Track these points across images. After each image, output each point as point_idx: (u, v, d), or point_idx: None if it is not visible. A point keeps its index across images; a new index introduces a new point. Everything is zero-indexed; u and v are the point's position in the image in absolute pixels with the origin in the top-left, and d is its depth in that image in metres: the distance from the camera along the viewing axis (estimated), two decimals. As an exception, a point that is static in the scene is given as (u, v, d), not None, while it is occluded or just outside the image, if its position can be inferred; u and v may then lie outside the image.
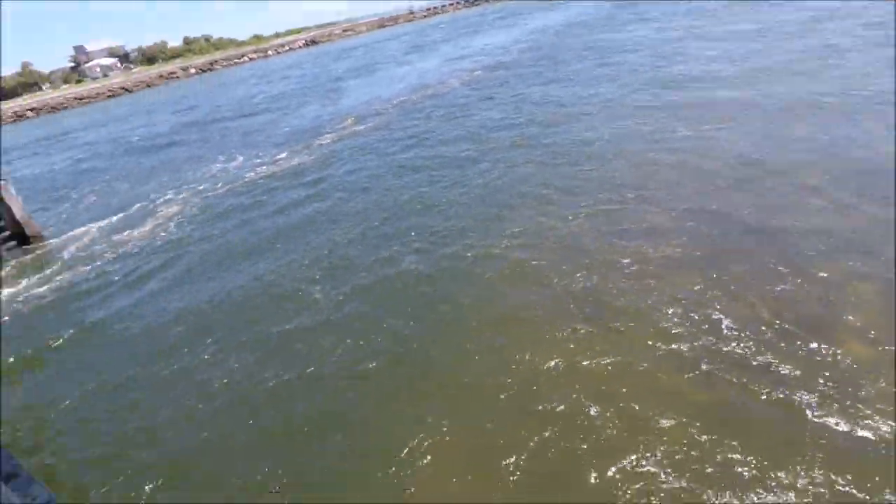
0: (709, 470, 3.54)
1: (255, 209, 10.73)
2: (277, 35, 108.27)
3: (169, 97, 46.10)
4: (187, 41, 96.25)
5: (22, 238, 11.71)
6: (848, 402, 3.85)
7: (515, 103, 14.71)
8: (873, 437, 3.57)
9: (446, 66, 25.61)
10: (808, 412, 3.83)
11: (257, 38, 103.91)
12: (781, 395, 4.00)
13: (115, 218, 12.46)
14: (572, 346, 4.93)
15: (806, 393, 3.99)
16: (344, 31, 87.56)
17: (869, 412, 3.74)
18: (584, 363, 4.71)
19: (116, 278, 8.84)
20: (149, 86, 63.75)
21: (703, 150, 8.77)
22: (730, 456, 3.63)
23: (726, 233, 6.34)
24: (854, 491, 3.26)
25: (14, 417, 5.73)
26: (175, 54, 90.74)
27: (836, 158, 7.59)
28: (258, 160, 15.03)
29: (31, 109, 54.68)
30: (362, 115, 18.02)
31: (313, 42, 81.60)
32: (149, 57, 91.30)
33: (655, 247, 6.32)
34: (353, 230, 8.49)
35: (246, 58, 75.28)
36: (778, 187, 7.14)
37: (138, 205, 13.08)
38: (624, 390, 4.35)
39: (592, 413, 4.15)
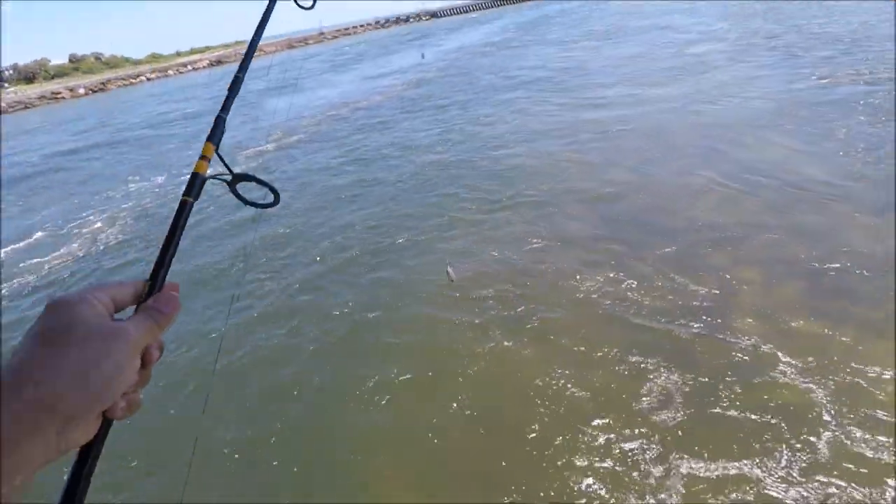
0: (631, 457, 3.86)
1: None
2: (179, 54, 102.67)
3: (60, 117, 41.99)
4: (74, 59, 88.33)
5: None
6: (754, 376, 4.34)
7: (436, 117, 15.26)
8: (772, 404, 4.01)
9: (366, 83, 25.92)
10: (720, 386, 4.24)
11: (155, 56, 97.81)
12: (692, 374, 4.42)
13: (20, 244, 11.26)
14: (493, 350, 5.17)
15: (711, 370, 4.43)
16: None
17: (768, 385, 4.23)
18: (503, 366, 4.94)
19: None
20: (27, 107, 57.63)
21: (604, 153, 9.67)
22: (654, 441, 3.92)
23: (625, 228, 6.91)
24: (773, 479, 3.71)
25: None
26: (60, 73, 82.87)
27: (720, 159, 8.81)
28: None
29: None
30: (291, 128, 17.77)
31: (219, 62, 78.43)
32: (26, 76, 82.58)
33: (563, 244, 6.78)
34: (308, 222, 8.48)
35: (143, 77, 70.62)
36: (670, 188, 8.02)
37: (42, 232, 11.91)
38: (546, 388, 4.55)
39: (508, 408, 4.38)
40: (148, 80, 69.73)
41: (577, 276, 6.02)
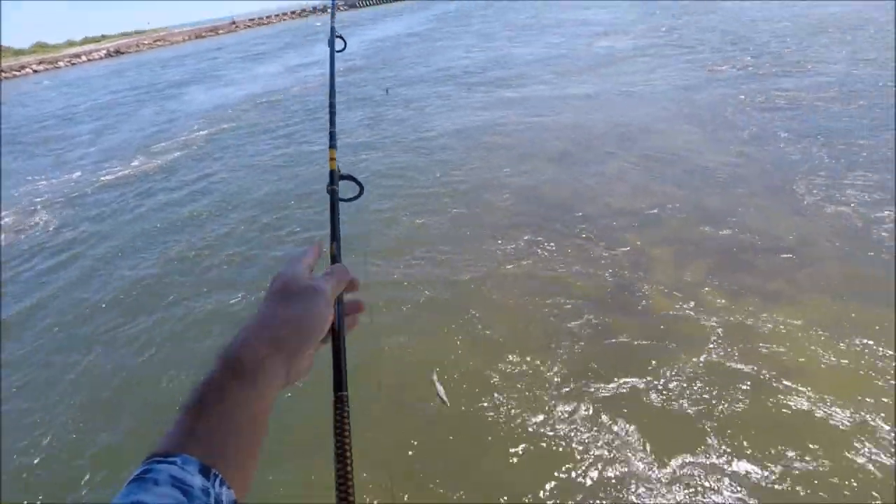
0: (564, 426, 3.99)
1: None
2: (71, 43, 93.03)
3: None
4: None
5: None
6: (667, 345, 4.63)
7: (368, 102, 14.93)
8: (680, 364, 4.30)
9: (290, 75, 24.83)
10: (639, 355, 4.48)
11: (42, 46, 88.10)
12: (613, 341, 4.71)
13: None
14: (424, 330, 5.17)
15: (636, 339, 4.69)
16: (155, 41, 78.80)
17: (681, 356, 4.52)
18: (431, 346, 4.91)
19: None
20: None
21: (524, 140, 9.89)
22: (588, 411, 4.07)
23: (547, 212, 7.13)
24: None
25: None
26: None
27: (634, 146, 9.35)
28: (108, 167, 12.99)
29: None
30: (217, 116, 16.66)
31: (118, 52, 72.00)
32: None
33: (487, 226, 6.92)
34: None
35: (29, 69, 63.39)
36: (588, 172, 8.37)
37: None
38: (471, 364, 4.61)
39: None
40: (35, 72, 62.61)
41: (498, 254, 6.15)
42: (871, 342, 4.33)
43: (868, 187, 6.74)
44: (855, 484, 3.27)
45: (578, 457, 3.71)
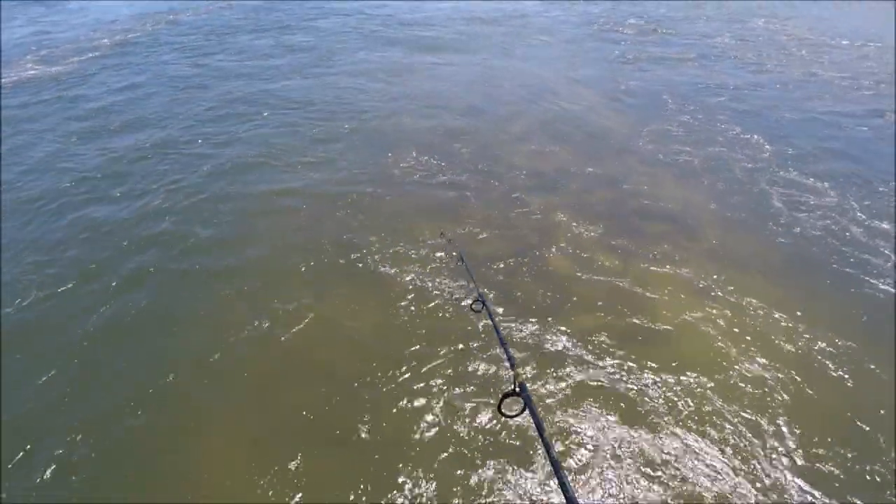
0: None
1: None
2: None
3: None
4: None
5: None
6: (565, 298, 4.78)
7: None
8: (575, 319, 4.46)
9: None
10: (541, 306, 4.57)
11: None
12: (519, 294, 4.72)
13: None
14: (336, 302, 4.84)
15: (529, 296, 4.76)
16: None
17: (575, 305, 4.69)
18: (347, 321, 4.65)
19: None
20: None
21: (434, 104, 9.52)
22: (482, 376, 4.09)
23: (454, 177, 6.96)
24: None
25: None
26: None
27: (534, 110, 9.41)
28: None
29: None
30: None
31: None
32: None
33: (395, 194, 6.56)
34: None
35: None
36: (495, 137, 8.25)
37: None
38: (392, 337, 4.45)
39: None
40: None
41: (411, 217, 5.89)
42: (740, 299, 4.82)
43: (753, 156, 7.46)
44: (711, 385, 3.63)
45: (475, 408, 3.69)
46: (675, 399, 3.86)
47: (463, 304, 4.72)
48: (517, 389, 1.32)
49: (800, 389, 3.97)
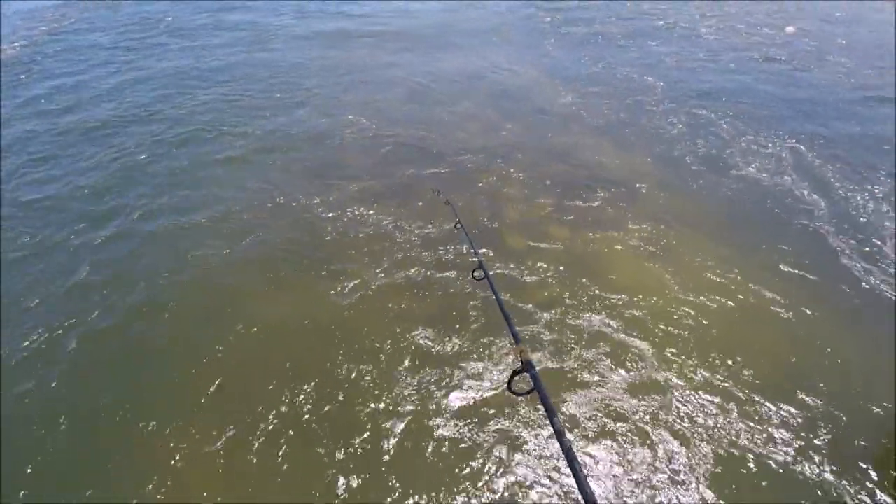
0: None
1: None
2: None
3: None
4: None
5: None
6: (521, 273, 4.90)
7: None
8: (529, 292, 4.60)
9: None
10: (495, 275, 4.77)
11: None
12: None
13: None
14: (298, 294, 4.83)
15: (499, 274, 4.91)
16: None
17: (530, 280, 4.86)
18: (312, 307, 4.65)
19: None
20: None
21: (375, 82, 9.43)
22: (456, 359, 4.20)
23: (406, 154, 6.99)
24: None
25: None
26: None
27: (480, 85, 9.47)
28: None
29: None
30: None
31: None
32: None
33: (349, 179, 6.50)
34: None
35: None
36: (443, 113, 8.29)
37: None
38: (364, 323, 4.48)
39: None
40: None
41: (358, 199, 5.87)
42: (685, 258, 5.10)
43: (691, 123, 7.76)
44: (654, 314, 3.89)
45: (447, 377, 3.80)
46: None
47: (474, 273, 4.78)
48: (523, 366, 1.30)
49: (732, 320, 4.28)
